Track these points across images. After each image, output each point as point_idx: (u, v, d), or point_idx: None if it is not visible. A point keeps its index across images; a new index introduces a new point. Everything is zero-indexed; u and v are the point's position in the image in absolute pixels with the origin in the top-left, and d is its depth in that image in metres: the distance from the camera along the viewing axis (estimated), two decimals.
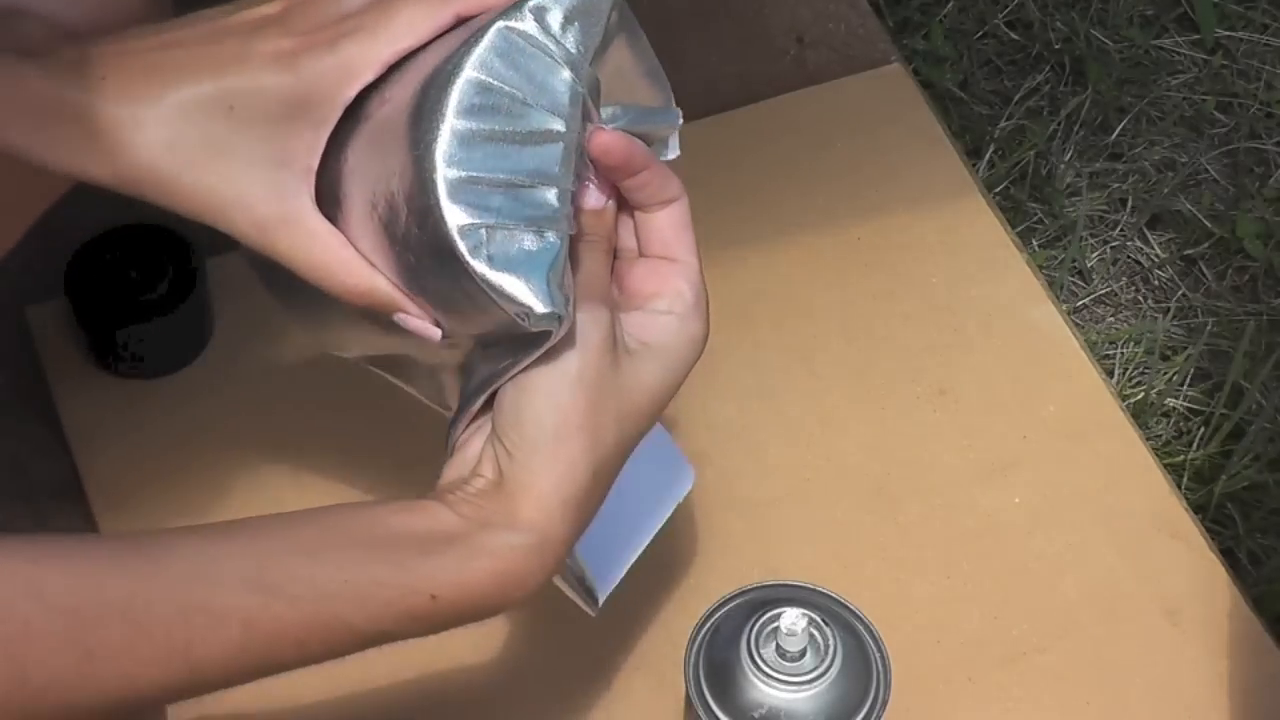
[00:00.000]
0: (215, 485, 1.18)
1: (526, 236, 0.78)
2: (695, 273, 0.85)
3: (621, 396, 0.82)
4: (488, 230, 0.78)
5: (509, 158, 0.78)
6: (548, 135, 0.79)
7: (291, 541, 0.80)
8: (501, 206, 0.78)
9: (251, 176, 0.82)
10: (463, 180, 0.78)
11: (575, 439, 0.81)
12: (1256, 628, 1.16)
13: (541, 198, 0.79)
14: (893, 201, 1.33)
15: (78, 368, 1.22)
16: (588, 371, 0.81)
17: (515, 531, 0.81)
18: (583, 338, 0.81)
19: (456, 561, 0.80)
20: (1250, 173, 1.61)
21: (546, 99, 0.79)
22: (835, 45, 1.41)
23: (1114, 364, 1.48)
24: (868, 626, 0.98)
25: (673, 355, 0.84)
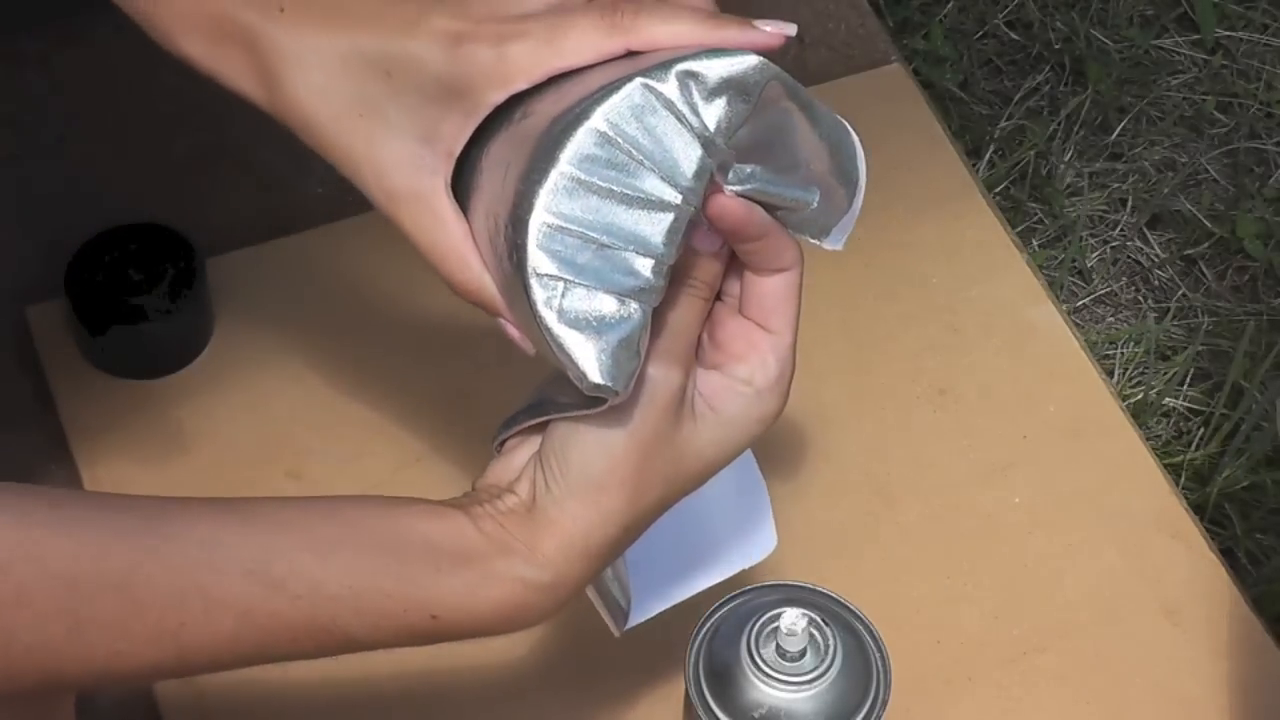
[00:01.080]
0: (215, 485, 1.18)
1: (607, 301, 0.76)
2: (787, 349, 0.83)
3: (675, 460, 0.80)
4: (566, 285, 0.75)
5: (611, 217, 0.76)
6: (659, 204, 0.76)
7: (305, 536, 0.79)
8: (588, 265, 0.76)
9: (393, 144, 0.81)
10: (556, 229, 0.75)
11: (617, 492, 0.79)
12: (1256, 628, 1.16)
13: (635, 265, 0.76)
14: (893, 201, 1.33)
15: (78, 368, 1.22)
16: (645, 429, 0.79)
17: (532, 565, 0.80)
18: (650, 394, 0.79)
19: (466, 585, 0.79)
20: (1250, 173, 1.61)
21: (667, 166, 0.76)
22: (835, 45, 1.41)
23: (1114, 364, 1.48)
24: (868, 626, 0.98)
25: (737, 429, 0.82)
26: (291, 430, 1.21)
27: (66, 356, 1.23)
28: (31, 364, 1.23)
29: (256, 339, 1.24)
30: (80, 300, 1.20)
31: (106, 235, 1.22)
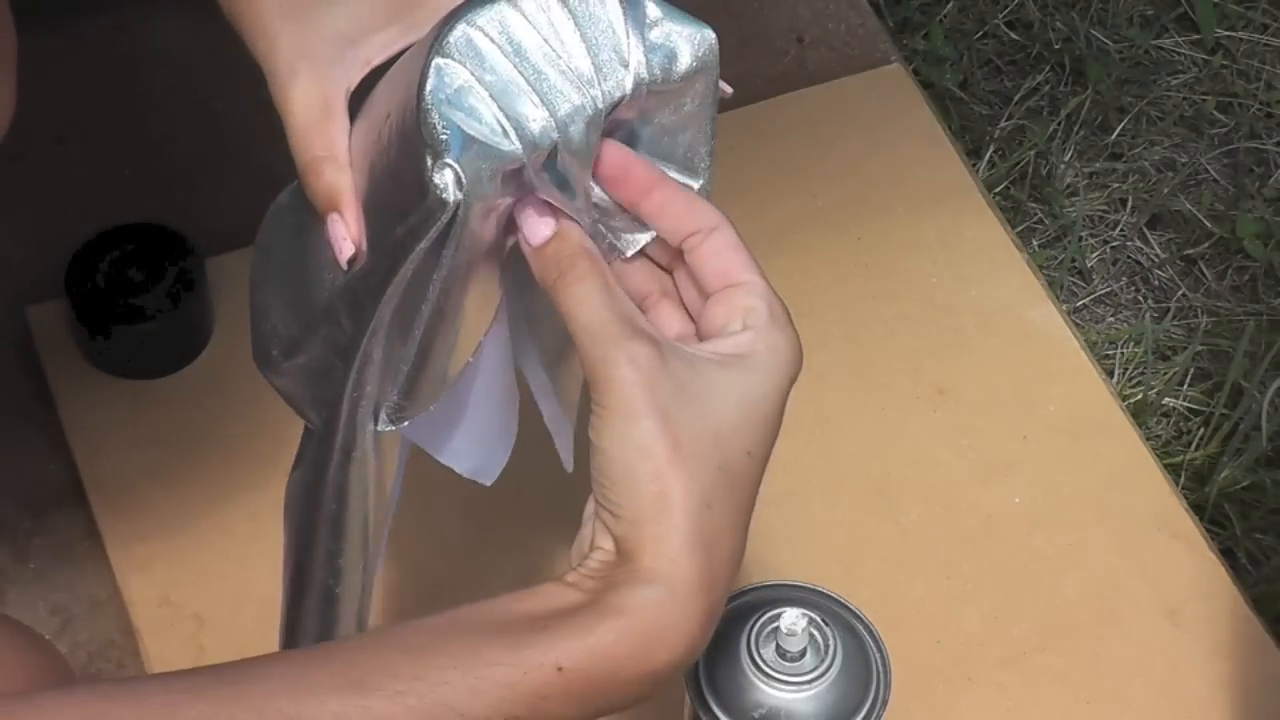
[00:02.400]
0: (215, 485, 1.18)
1: (492, 112, 0.74)
2: (763, 288, 0.80)
3: (705, 419, 0.76)
4: (461, 88, 0.74)
5: (531, 68, 0.75)
6: (578, 82, 0.75)
7: (392, 641, 0.74)
8: (491, 84, 0.74)
9: (322, 33, 0.81)
10: (476, 43, 0.75)
11: (670, 474, 0.75)
12: (1256, 628, 1.16)
13: (529, 113, 0.74)
14: (893, 201, 1.33)
15: (78, 368, 1.22)
16: (651, 407, 0.75)
17: (640, 585, 0.74)
18: (623, 380, 0.75)
19: (581, 628, 0.74)
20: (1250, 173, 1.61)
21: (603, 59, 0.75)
22: (835, 45, 1.41)
23: (1114, 364, 1.48)
24: (868, 626, 0.98)
25: (756, 365, 0.78)
26: (291, 430, 1.20)
27: (66, 356, 1.23)
28: (31, 364, 1.23)
29: None
30: (80, 300, 1.20)
31: (106, 235, 1.22)
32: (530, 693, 0.73)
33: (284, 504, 0.91)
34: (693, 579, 0.75)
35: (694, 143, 0.81)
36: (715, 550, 0.76)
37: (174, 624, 1.14)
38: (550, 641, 0.73)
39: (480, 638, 0.74)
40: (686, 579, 0.75)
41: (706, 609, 0.75)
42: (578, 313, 0.76)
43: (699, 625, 0.75)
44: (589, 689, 0.74)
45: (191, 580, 1.15)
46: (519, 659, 0.73)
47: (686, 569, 0.75)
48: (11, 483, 1.20)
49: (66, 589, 1.17)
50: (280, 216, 0.88)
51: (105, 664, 1.14)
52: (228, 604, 1.14)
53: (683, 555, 0.75)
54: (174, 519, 1.17)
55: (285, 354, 0.87)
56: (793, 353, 0.79)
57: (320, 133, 0.82)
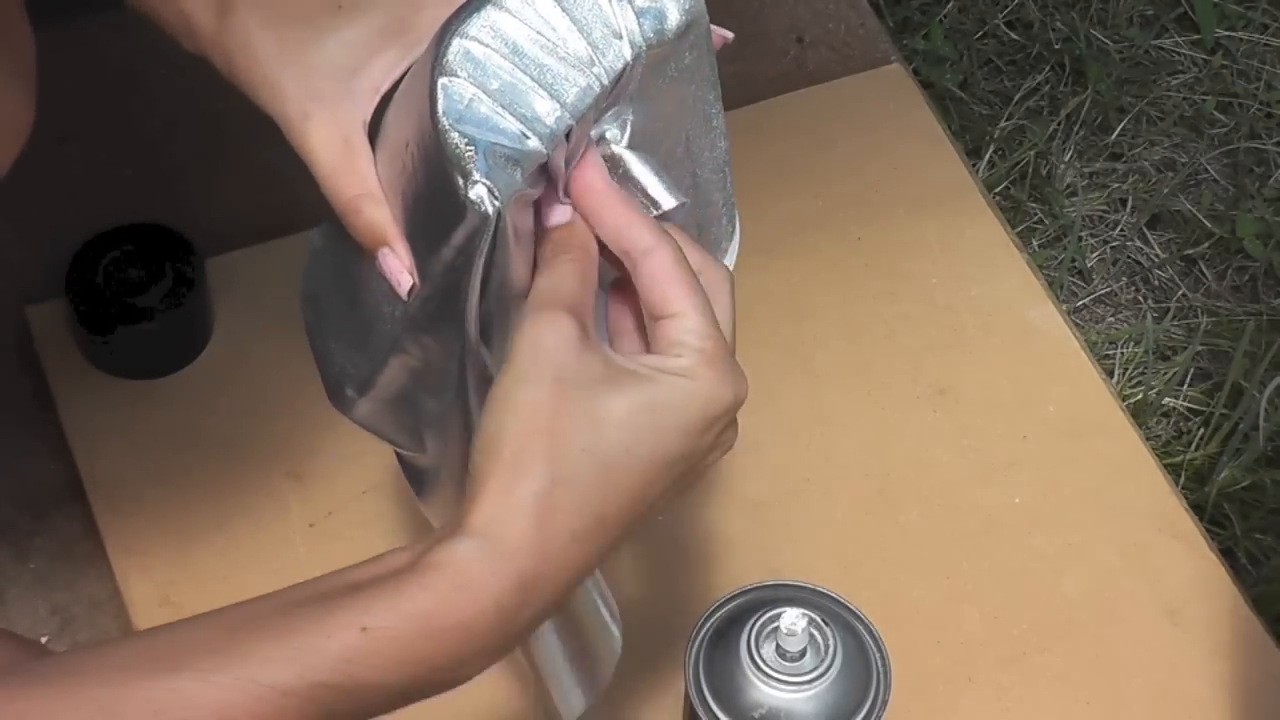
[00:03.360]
0: (215, 485, 1.18)
1: (506, 122, 0.75)
2: (695, 324, 0.78)
3: (593, 405, 0.75)
4: (471, 99, 0.75)
5: (530, 61, 0.76)
6: (579, 63, 0.76)
7: (213, 620, 0.74)
8: (497, 91, 0.75)
9: (325, 71, 0.81)
10: (474, 53, 0.75)
11: (532, 443, 0.74)
12: (1256, 628, 1.16)
13: (539, 107, 0.76)
14: (893, 201, 1.33)
15: (78, 368, 1.22)
16: (542, 373, 0.75)
17: (458, 539, 0.74)
18: (535, 342, 0.76)
19: (391, 587, 0.73)
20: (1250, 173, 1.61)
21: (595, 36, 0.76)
22: (835, 45, 1.41)
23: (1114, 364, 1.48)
24: (868, 626, 0.98)
25: (668, 385, 0.76)
26: (291, 430, 1.21)
27: (66, 356, 1.23)
28: (31, 364, 1.23)
29: (256, 339, 1.24)
30: (80, 300, 1.20)
31: (106, 235, 1.22)
32: (336, 657, 0.72)
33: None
34: (511, 540, 0.74)
35: (700, 92, 0.83)
36: (550, 524, 0.74)
37: None
38: (357, 604, 0.73)
39: (295, 609, 0.73)
40: (504, 538, 0.74)
41: (523, 574, 0.74)
42: (539, 281, 0.78)
43: (511, 587, 0.73)
44: (397, 649, 0.73)
45: (191, 580, 1.15)
46: (324, 624, 0.72)
47: (506, 529, 0.74)
48: (11, 483, 1.20)
49: (66, 589, 1.17)
50: (319, 261, 0.88)
51: None
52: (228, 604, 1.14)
53: (508, 517, 0.74)
54: (174, 519, 1.17)
55: (360, 390, 0.88)
56: (714, 391, 0.78)
57: (349, 170, 0.81)
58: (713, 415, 0.78)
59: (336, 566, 1.10)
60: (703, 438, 0.78)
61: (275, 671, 0.71)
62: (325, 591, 0.74)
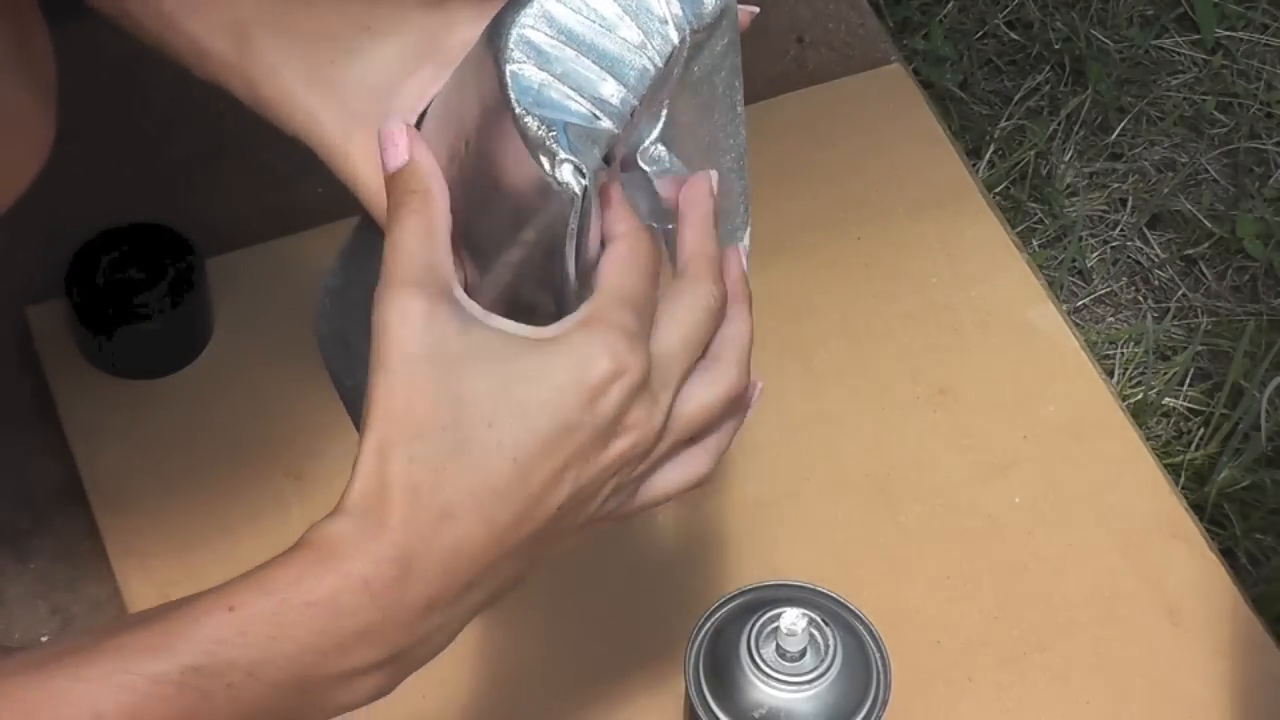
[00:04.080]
0: (215, 485, 1.18)
1: (578, 104, 0.76)
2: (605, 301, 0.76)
3: (452, 380, 0.74)
4: (541, 84, 0.76)
5: (589, 47, 0.77)
6: (634, 48, 0.77)
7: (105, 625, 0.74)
8: (564, 75, 0.76)
9: (362, 92, 0.81)
10: (534, 41, 0.76)
11: (390, 425, 0.74)
12: (1256, 628, 1.16)
13: (604, 89, 0.77)
14: (893, 201, 1.33)
15: (78, 368, 1.22)
16: (390, 358, 0.74)
17: (328, 519, 0.74)
18: (382, 327, 0.75)
19: (260, 569, 0.73)
20: (1250, 173, 1.61)
21: (644, 19, 0.78)
22: (835, 45, 1.41)
23: (1114, 364, 1.48)
24: (868, 626, 0.98)
25: (536, 350, 0.75)
26: (291, 430, 1.21)
27: (66, 356, 1.23)
28: (31, 364, 1.23)
29: (256, 339, 1.24)
30: (80, 300, 1.20)
31: (106, 235, 1.22)
32: (205, 638, 0.72)
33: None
34: (375, 515, 0.73)
35: (730, 79, 0.84)
36: (414, 501, 0.74)
37: None
38: (227, 588, 0.73)
39: (171, 604, 0.73)
40: (368, 513, 0.73)
41: (393, 549, 0.73)
42: (387, 246, 0.76)
43: (381, 560, 0.73)
44: (265, 625, 0.72)
45: (191, 580, 1.15)
46: (192, 608, 0.72)
47: (370, 505, 0.73)
48: (11, 483, 1.20)
49: (66, 589, 1.17)
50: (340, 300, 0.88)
51: None
52: None
53: (372, 495, 0.73)
54: (174, 519, 1.17)
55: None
56: (581, 357, 0.75)
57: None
58: (587, 382, 0.74)
59: None
60: (587, 410, 0.75)
61: (143, 660, 0.71)
62: (202, 590, 0.74)
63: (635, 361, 0.75)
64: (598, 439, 0.75)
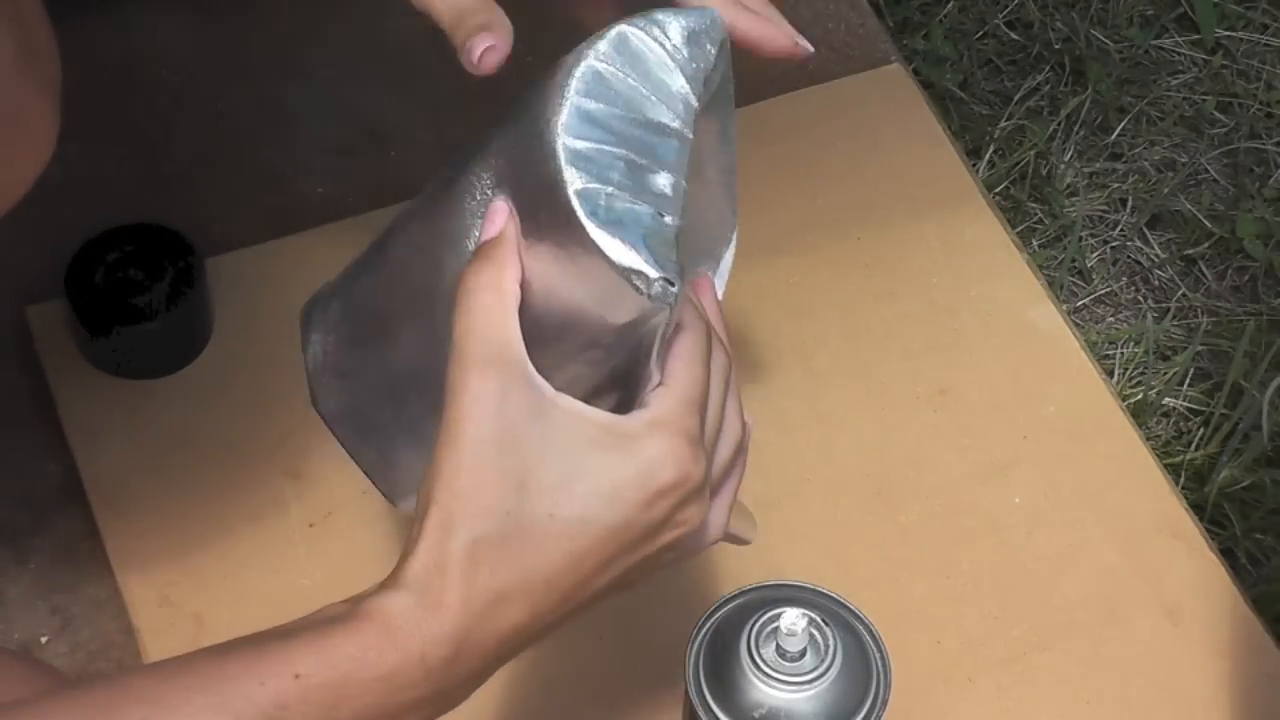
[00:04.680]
0: (215, 485, 1.18)
1: (642, 208, 0.76)
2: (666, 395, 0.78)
3: (517, 466, 0.75)
4: (606, 197, 0.76)
5: (628, 139, 0.77)
6: (664, 128, 0.78)
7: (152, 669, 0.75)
8: (620, 181, 0.76)
9: None
10: (583, 152, 0.77)
11: (454, 504, 0.75)
12: (1256, 628, 1.16)
13: (658, 182, 0.77)
14: (893, 201, 1.33)
15: (78, 368, 1.22)
16: (459, 436, 0.75)
17: (388, 591, 0.75)
18: (454, 404, 0.76)
19: (323, 634, 0.74)
20: (1250, 173, 1.61)
21: (663, 95, 0.79)
22: (835, 45, 1.41)
23: (1114, 364, 1.48)
24: (868, 626, 0.98)
25: (605, 445, 0.76)
26: (291, 430, 1.21)
27: (66, 356, 1.23)
28: (31, 364, 1.23)
29: (256, 339, 1.24)
30: (80, 300, 1.20)
31: (106, 235, 1.22)
32: (269, 702, 0.72)
33: None
34: (436, 594, 0.75)
35: (725, 108, 0.86)
36: (473, 581, 0.75)
37: (174, 624, 1.14)
38: (291, 651, 0.73)
39: (233, 653, 0.74)
40: (430, 591, 0.75)
41: (451, 629, 0.75)
42: (458, 318, 0.77)
43: (439, 641, 0.75)
44: (329, 695, 0.73)
45: (191, 580, 1.15)
46: (258, 670, 0.73)
47: (432, 583, 0.75)
48: (11, 483, 1.20)
49: (66, 589, 1.17)
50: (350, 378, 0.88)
51: (105, 664, 1.14)
52: (228, 604, 1.14)
53: (434, 572, 0.75)
54: (174, 519, 1.17)
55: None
56: (652, 463, 0.77)
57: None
58: (651, 488, 0.77)
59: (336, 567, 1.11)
60: (643, 511, 0.77)
61: (210, 718, 0.72)
62: (260, 637, 0.75)
63: (698, 471, 0.78)
64: (649, 535, 0.78)
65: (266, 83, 1.35)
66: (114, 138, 1.33)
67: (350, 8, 1.40)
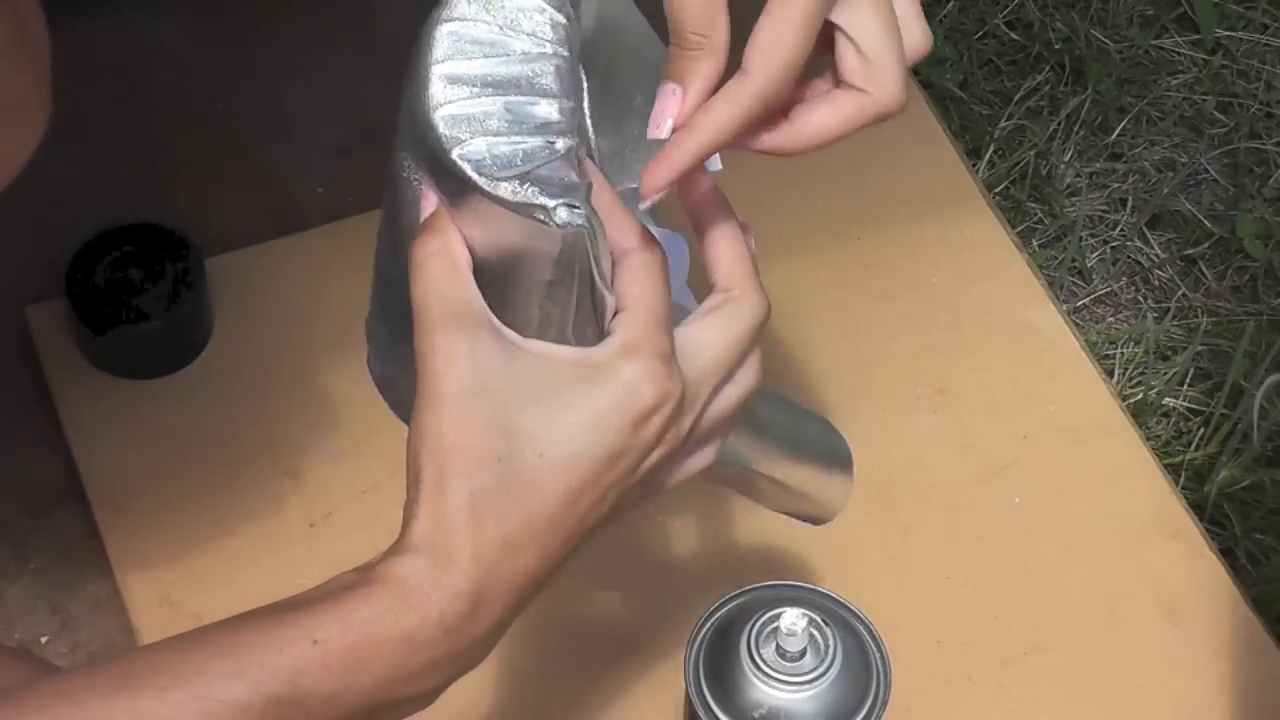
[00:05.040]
0: (215, 485, 1.18)
1: (531, 142, 0.76)
2: (631, 319, 0.78)
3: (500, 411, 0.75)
4: (489, 145, 0.76)
5: (500, 82, 0.77)
6: (535, 56, 0.78)
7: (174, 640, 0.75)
8: (500, 127, 0.76)
9: None
10: (457, 116, 0.76)
11: (446, 460, 0.75)
12: (1256, 628, 1.16)
13: (540, 111, 0.77)
14: (893, 201, 1.33)
15: (78, 368, 1.22)
16: (439, 392, 0.75)
17: (399, 554, 0.76)
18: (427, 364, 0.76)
19: (338, 599, 0.74)
20: (1250, 173, 1.61)
21: (526, 26, 0.78)
22: None
23: (1114, 364, 1.48)
24: (868, 626, 0.98)
25: (583, 378, 0.77)
26: (291, 430, 1.21)
27: (66, 356, 1.23)
28: (31, 364, 1.23)
29: (256, 339, 1.24)
30: (80, 300, 1.20)
31: (106, 235, 1.22)
32: (288, 669, 0.73)
33: None
34: (446, 552, 0.75)
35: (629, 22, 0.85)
36: (479, 534, 0.75)
37: (174, 624, 1.14)
38: (307, 617, 0.74)
39: (247, 624, 0.75)
40: (438, 550, 0.75)
41: (467, 585, 0.75)
42: (414, 289, 0.77)
43: (456, 596, 0.75)
44: (346, 658, 0.74)
45: (191, 580, 1.15)
46: (275, 637, 0.74)
47: (440, 541, 0.75)
48: (11, 483, 1.20)
49: (66, 589, 1.17)
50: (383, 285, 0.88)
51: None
52: (228, 604, 1.14)
53: (440, 531, 0.75)
54: (174, 519, 1.17)
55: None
56: (628, 386, 0.77)
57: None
58: (634, 411, 0.77)
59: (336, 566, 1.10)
60: (631, 436, 0.77)
61: (229, 686, 0.73)
62: (276, 606, 0.75)
63: (675, 387, 0.78)
64: (641, 457, 0.78)
65: (266, 83, 1.35)
66: (114, 138, 1.33)
67: (350, 8, 1.40)
